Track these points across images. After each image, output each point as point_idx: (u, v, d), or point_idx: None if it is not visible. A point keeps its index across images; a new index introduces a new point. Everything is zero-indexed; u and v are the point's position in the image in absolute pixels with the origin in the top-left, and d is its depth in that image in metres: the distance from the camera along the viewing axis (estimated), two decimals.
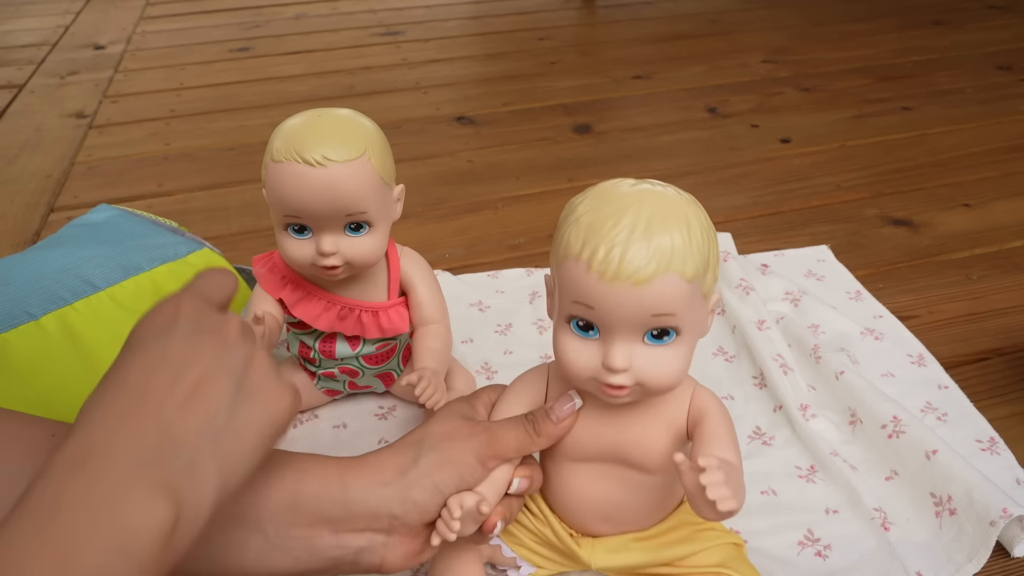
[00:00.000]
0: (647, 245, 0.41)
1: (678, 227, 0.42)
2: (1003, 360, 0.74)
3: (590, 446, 0.49)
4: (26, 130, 1.35)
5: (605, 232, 0.41)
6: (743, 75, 1.47)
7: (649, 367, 0.44)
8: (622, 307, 0.42)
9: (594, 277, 0.41)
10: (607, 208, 0.42)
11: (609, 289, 0.41)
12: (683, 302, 0.42)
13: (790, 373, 0.71)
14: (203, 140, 1.28)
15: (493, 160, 1.18)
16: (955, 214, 1.00)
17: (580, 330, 0.44)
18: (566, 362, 0.45)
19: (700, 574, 0.51)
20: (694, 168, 1.14)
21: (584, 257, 0.42)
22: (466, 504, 0.46)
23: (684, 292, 0.42)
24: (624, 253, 0.41)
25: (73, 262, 0.68)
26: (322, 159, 0.55)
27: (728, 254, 0.85)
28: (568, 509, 0.52)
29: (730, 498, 0.41)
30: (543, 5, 1.93)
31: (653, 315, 0.42)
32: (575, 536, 0.53)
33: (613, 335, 0.43)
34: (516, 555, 0.54)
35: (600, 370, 0.44)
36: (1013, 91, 1.36)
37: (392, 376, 0.70)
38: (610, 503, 0.51)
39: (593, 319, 0.43)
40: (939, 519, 0.59)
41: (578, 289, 0.43)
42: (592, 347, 0.44)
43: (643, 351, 0.44)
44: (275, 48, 1.70)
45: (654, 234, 0.41)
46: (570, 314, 0.44)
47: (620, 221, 0.41)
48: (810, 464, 0.64)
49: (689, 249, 0.42)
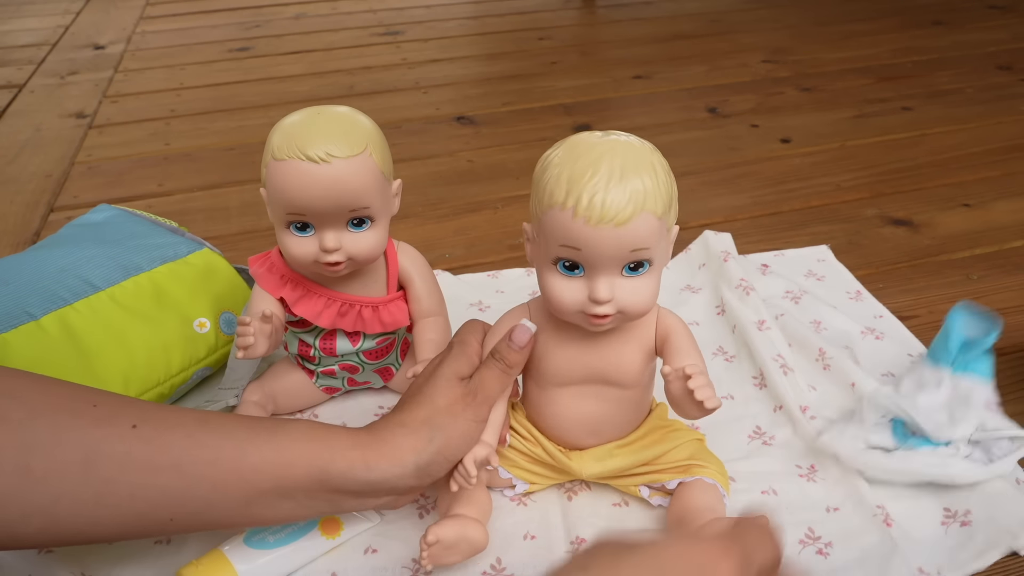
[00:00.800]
0: (624, 190, 0.47)
1: (647, 172, 0.48)
2: (1003, 360, 0.74)
3: (573, 371, 0.56)
4: (26, 130, 1.35)
5: (585, 182, 0.47)
6: (743, 75, 1.47)
7: (628, 296, 0.50)
8: (605, 246, 0.48)
9: (580, 222, 0.47)
10: (583, 160, 0.48)
11: (594, 231, 0.47)
12: (655, 236, 0.49)
13: (790, 373, 0.71)
14: (203, 140, 1.28)
15: (493, 160, 1.18)
16: (955, 214, 1.00)
17: (566, 270, 0.50)
18: (555, 299, 0.51)
19: (674, 467, 0.59)
20: (694, 168, 1.14)
21: (569, 205, 0.47)
22: (479, 458, 0.53)
23: (655, 227, 0.48)
24: (605, 199, 0.47)
25: (73, 262, 0.68)
26: (326, 155, 0.55)
27: (728, 254, 0.85)
28: (556, 428, 0.59)
29: (713, 396, 0.49)
30: (543, 5, 1.93)
31: (632, 251, 0.48)
32: (564, 451, 0.59)
33: (597, 272, 0.49)
34: (512, 475, 0.60)
35: (586, 303, 0.50)
36: (1013, 91, 1.36)
37: (391, 371, 0.70)
38: (594, 418, 0.58)
39: (579, 259, 0.49)
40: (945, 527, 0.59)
41: (565, 234, 0.48)
42: (577, 284, 0.50)
43: (622, 283, 0.50)
44: (275, 48, 1.70)
45: (628, 180, 0.47)
46: (557, 256, 0.50)
47: (598, 171, 0.47)
48: (810, 463, 0.64)
49: (658, 190, 0.48)
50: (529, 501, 0.62)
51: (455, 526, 0.53)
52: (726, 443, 0.66)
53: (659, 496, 0.60)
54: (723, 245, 0.87)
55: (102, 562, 0.57)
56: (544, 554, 0.58)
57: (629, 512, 0.61)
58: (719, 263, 0.84)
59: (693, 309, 0.82)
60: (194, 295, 0.71)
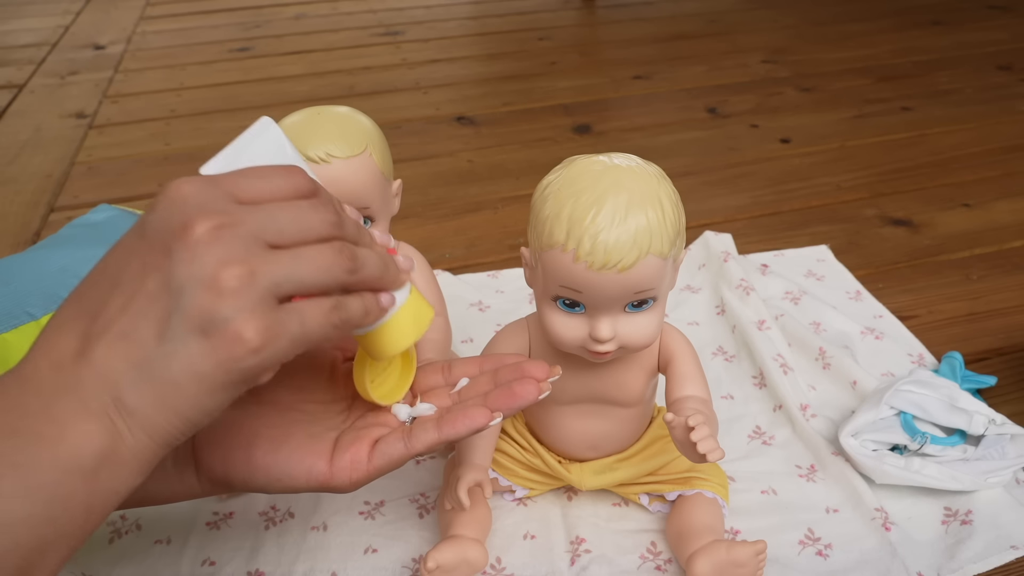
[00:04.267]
0: (627, 232, 0.45)
1: (653, 208, 0.45)
2: (1003, 360, 0.74)
3: (576, 392, 0.55)
4: (26, 130, 1.35)
5: (587, 224, 0.45)
6: (743, 75, 1.47)
7: (630, 332, 0.49)
8: (608, 290, 0.46)
9: (581, 267, 0.45)
10: (584, 197, 0.45)
11: (596, 276, 0.46)
12: (660, 275, 0.47)
13: (790, 373, 0.71)
14: (203, 140, 1.28)
15: (493, 160, 1.18)
16: (955, 214, 1.00)
17: (567, 307, 0.49)
18: (556, 335, 0.50)
19: (674, 479, 0.58)
20: (694, 168, 1.14)
21: (569, 248, 0.45)
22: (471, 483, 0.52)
23: (661, 267, 0.47)
24: (607, 244, 0.44)
25: (73, 262, 0.68)
26: (326, 156, 0.55)
27: (728, 254, 0.85)
28: (557, 442, 0.59)
29: (716, 448, 0.47)
30: (543, 5, 1.93)
31: (635, 292, 0.47)
32: (563, 463, 0.59)
33: (598, 311, 0.48)
34: (511, 483, 0.60)
35: (587, 340, 0.49)
36: (1013, 91, 1.36)
37: None
38: (595, 434, 0.57)
39: (580, 300, 0.48)
40: (945, 526, 0.59)
41: (565, 276, 0.47)
42: (578, 321, 0.49)
43: (625, 319, 0.48)
44: (275, 48, 1.70)
45: (632, 219, 0.45)
46: (557, 295, 0.48)
47: (600, 211, 0.45)
48: (810, 463, 0.64)
49: (664, 228, 0.46)
50: (529, 502, 0.62)
51: (454, 549, 0.52)
52: (726, 443, 0.66)
53: (659, 503, 0.60)
54: (723, 245, 0.87)
55: (102, 562, 0.58)
56: (544, 554, 0.58)
57: (628, 512, 0.61)
58: (719, 263, 0.85)
59: (693, 309, 0.82)
60: None
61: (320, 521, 0.61)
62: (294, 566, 0.58)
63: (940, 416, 0.62)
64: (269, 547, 0.59)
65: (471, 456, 0.54)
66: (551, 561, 0.57)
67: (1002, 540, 0.56)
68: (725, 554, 0.52)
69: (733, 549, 0.52)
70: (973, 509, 0.59)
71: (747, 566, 0.52)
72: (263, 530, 0.60)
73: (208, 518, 0.61)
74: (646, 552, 0.58)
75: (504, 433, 0.60)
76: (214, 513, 0.62)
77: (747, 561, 0.52)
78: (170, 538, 0.60)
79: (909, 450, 0.61)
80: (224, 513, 0.62)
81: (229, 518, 0.61)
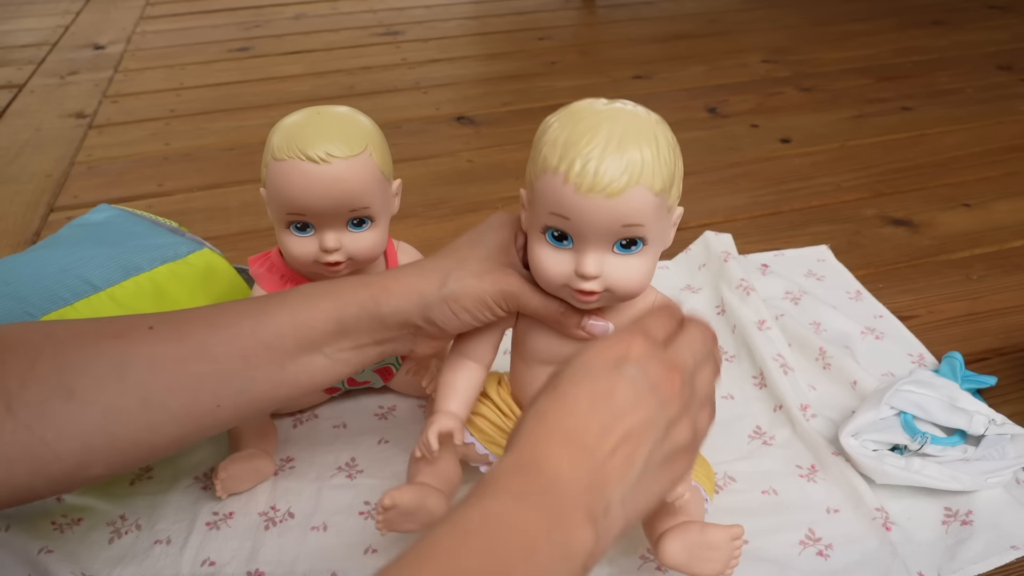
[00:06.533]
0: (620, 160, 0.44)
1: (648, 143, 0.45)
2: (1003, 360, 0.74)
3: (560, 349, 0.53)
4: (26, 130, 1.35)
5: (581, 147, 0.45)
6: (743, 75, 1.47)
7: (618, 274, 0.48)
8: (595, 217, 0.45)
9: (570, 189, 0.45)
10: (581, 125, 0.45)
11: (584, 200, 0.45)
12: (651, 213, 0.46)
13: (790, 373, 0.71)
14: (203, 140, 1.28)
15: (493, 160, 1.18)
16: (955, 214, 1.00)
17: (555, 240, 0.48)
18: (541, 270, 0.49)
19: None
20: (694, 168, 1.13)
21: (561, 170, 0.45)
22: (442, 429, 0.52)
23: (652, 204, 0.46)
24: (598, 167, 0.44)
25: (73, 262, 0.68)
26: (326, 155, 0.55)
27: (728, 254, 0.85)
28: None
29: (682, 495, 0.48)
30: (543, 5, 1.93)
31: (623, 225, 0.46)
32: None
33: (586, 245, 0.47)
34: (488, 452, 0.58)
35: (573, 277, 0.48)
36: (1013, 91, 1.36)
37: (390, 370, 0.70)
38: None
39: (568, 229, 0.47)
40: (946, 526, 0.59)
41: (555, 201, 0.46)
42: (566, 256, 0.48)
43: (613, 260, 0.47)
44: (275, 48, 1.70)
45: (626, 150, 0.44)
46: (546, 225, 0.48)
47: (595, 137, 0.45)
48: (811, 463, 0.64)
49: (657, 164, 0.45)
50: None
51: (414, 493, 0.52)
52: (726, 443, 0.66)
53: None
54: (723, 245, 0.87)
55: (102, 562, 0.58)
56: None
57: None
58: (719, 263, 0.85)
59: (693, 309, 0.82)
60: (194, 295, 0.71)
61: (320, 521, 0.61)
62: (294, 566, 0.57)
63: (940, 416, 0.62)
64: (269, 547, 0.59)
65: (446, 403, 0.54)
66: None
67: (1002, 540, 0.56)
68: (698, 535, 0.50)
69: (707, 530, 0.50)
70: (973, 509, 0.59)
71: (721, 550, 0.50)
72: (263, 530, 0.60)
73: (208, 518, 0.61)
74: (647, 552, 0.58)
75: (485, 396, 0.59)
76: (214, 513, 0.62)
77: (721, 544, 0.50)
78: (170, 538, 0.60)
79: (909, 450, 0.61)
80: (224, 513, 0.62)
81: (229, 518, 0.61)
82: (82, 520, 0.61)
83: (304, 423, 0.70)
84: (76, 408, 0.46)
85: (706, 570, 0.50)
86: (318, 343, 0.51)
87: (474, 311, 0.52)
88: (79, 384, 0.46)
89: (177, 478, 0.65)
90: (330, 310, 0.51)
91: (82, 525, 0.60)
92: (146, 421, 0.48)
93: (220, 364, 0.49)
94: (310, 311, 0.51)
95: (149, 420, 0.48)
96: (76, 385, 0.46)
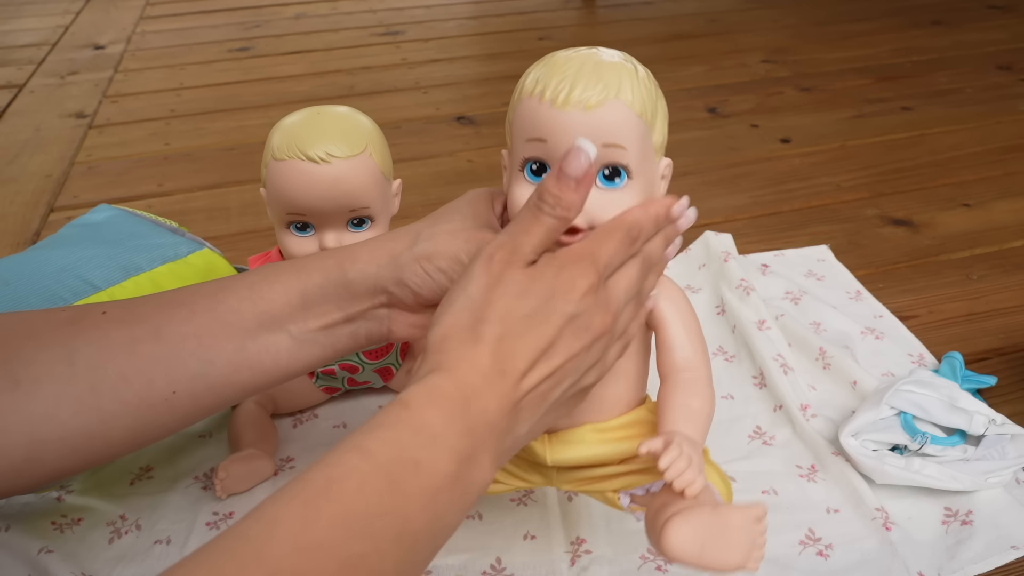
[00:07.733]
0: (596, 76, 0.43)
1: (627, 73, 0.44)
2: (1003, 360, 0.74)
3: None
4: (26, 130, 1.35)
5: (557, 70, 0.44)
6: (743, 75, 1.47)
7: (602, 211, 0.44)
8: (573, 135, 0.42)
9: (546, 106, 0.43)
10: (557, 58, 0.45)
11: (560, 116, 0.43)
12: (632, 136, 0.44)
13: (790, 373, 0.71)
14: (203, 140, 1.28)
15: (493, 160, 1.18)
16: (955, 214, 1.00)
17: (533, 176, 0.45)
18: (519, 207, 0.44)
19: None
20: (694, 168, 1.14)
21: (537, 92, 0.44)
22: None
23: (632, 124, 0.44)
24: (575, 82, 0.43)
25: (73, 262, 0.68)
26: (326, 155, 0.55)
27: (728, 254, 0.85)
28: None
29: (694, 482, 0.40)
30: (543, 5, 1.93)
31: (604, 144, 0.43)
32: None
33: None
34: None
35: None
36: (1013, 91, 1.36)
37: (391, 371, 0.70)
38: None
39: (545, 156, 0.44)
40: (945, 526, 0.59)
41: (531, 124, 0.44)
42: None
43: (596, 194, 0.43)
44: (275, 48, 1.70)
45: (603, 70, 0.44)
46: (523, 158, 0.45)
47: (571, 62, 0.44)
48: (811, 463, 0.64)
49: (635, 85, 0.44)
50: (529, 501, 0.62)
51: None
52: (726, 443, 0.66)
53: (643, 511, 0.49)
54: (723, 245, 0.87)
55: (102, 562, 0.58)
56: (544, 554, 0.58)
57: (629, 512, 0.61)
58: (719, 263, 0.85)
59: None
60: None
61: None
62: None
63: (940, 416, 0.62)
64: None
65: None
66: (551, 561, 0.57)
67: (1002, 540, 0.56)
68: (711, 516, 0.40)
69: (721, 511, 0.41)
70: (973, 509, 0.59)
71: (740, 532, 0.40)
72: None
73: (208, 518, 0.61)
74: (647, 552, 0.58)
75: None
76: (214, 513, 0.62)
77: (741, 526, 0.40)
78: (170, 538, 0.60)
79: (909, 450, 0.61)
80: (224, 513, 0.62)
81: (229, 518, 0.61)
82: (82, 520, 0.61)
83: (304, 423, 0.70)
84: (22, 397, 0.43)
85: (724, 560, 0.40)
86: (281, 319, 0.47)
87: (449, 271, 0.47)
88: (26, 373, 0.44)
89: (177, 478, 0.65)
90: (292, 282, 0.48)
91: (82, 525, 0.60)
92: (97, 410, 0.45)
93: (173, 344, 0.46)
94: (270, 283, 0.48)
95: (100, 408, 0.45)
96: (23, 374, 0.44)
